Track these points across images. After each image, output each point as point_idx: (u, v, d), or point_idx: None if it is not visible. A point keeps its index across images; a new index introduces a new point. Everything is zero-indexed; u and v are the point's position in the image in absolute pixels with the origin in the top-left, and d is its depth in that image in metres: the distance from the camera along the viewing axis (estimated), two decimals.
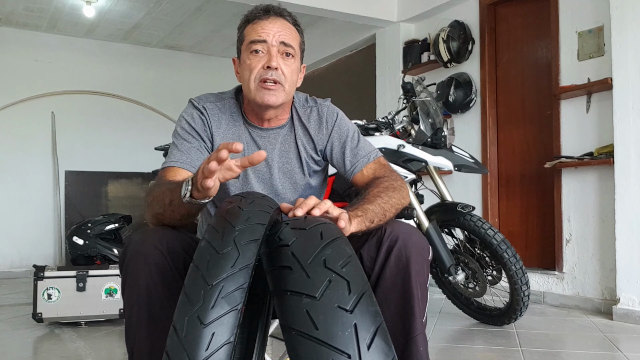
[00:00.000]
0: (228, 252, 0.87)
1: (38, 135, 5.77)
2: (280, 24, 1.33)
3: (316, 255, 0.87)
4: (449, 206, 2.84)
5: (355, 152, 1.43)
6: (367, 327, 0.80)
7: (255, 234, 0.91)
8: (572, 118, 3.56)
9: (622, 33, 3.11)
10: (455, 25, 4.29)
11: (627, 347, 2.50)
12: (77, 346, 2.61)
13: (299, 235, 0.92)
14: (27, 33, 5.75)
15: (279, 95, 1.32)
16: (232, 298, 0.84)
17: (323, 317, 0.80)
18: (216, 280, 0.85)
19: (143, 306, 1.10)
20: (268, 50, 1.31)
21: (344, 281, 0.84)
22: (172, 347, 0.82)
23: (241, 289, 0.85)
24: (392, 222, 1.24)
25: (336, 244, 0.91)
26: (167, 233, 1.14)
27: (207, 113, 1.39)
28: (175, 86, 6.41)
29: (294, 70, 1.34)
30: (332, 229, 0.95)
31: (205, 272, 0.86)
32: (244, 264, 0.87)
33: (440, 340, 2.66)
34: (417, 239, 1.19)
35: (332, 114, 1.46)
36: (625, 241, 3.08)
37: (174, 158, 1.34)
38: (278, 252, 0.91)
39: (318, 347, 0.78)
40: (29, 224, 5.66)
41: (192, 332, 0.81)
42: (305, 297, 0.82)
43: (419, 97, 2.96)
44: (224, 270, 0.85)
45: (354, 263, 0.88)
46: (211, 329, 0.81)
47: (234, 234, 0.90)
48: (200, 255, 0.89)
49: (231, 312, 0.83)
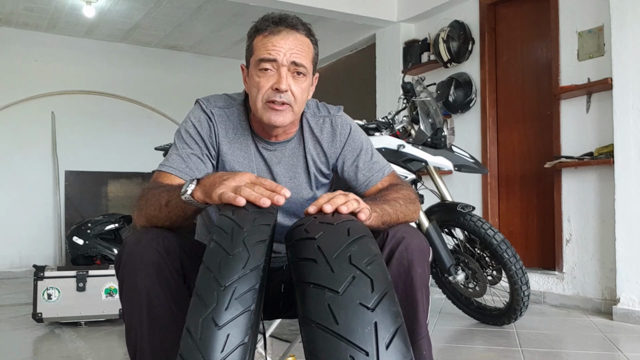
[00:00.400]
0: (239, 253, 0.87)
1: (38, 135, 5.77)
2: (292, 40, 1.25)
3: (342, 250, 0.87)
4: (449, 206, 2.84)
5: (370, 166, 1.40)
6: (388, 326, 0.80)
7: (263, 234, 0.90)
8: (572, 118, 3.56)
9: (622, 33, 3.11)
10: (455, 25, 4.29)
11: (627, 347, 2.50)
12: (77, 346, 2.61)
13: (326, 230, 0.92)
14: (27, 33, 5.75)
15: (286, 117, 1.27)
16: (245, 299, 0.83)
17: (344, 312, 0.80)
18: (229, 281, 0.84)
19: (143, 307, 1.09)
20: (278, 69, 1.24)
21: (368, 279, 0.84)
22: (186, 350, 0.81)
23: (253, 290, 0.85)
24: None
25: (363, 242, 0.90)
26: (163, 232, 1.12)
27: (215, 119, 1.34)
28: (175, 86, 6.41)
29: (304, 89, 1.29)
30: (359, 227, 0.95)
31: (218, 273, 0.85)
32: (255, 265, 0.86)
33: (440, 340, 2.66)
34: (419, 242, 1.19)
35: (346, 126, 1.42)
36: (625, 241, 3.08)
37: (172, 164, 1.30)
38: (304, 244, 0.91)
39: (337, 341, 0.78)
40: (29, 224, 5.65)
41: (207, 334, 0.81)
42: (328, 291, 0.82)
43: (419, 97, 2.96)
44: (236, 271, 0.85)
45: (378, 262, 0.88)
46: (226, 331, 0.81)
47: (243, 235, 0.89)
48: (210, 257, 0.88)
49: (245, 313, 0.83)
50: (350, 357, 0.78)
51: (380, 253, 0.91)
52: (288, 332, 2.60)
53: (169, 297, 1.09)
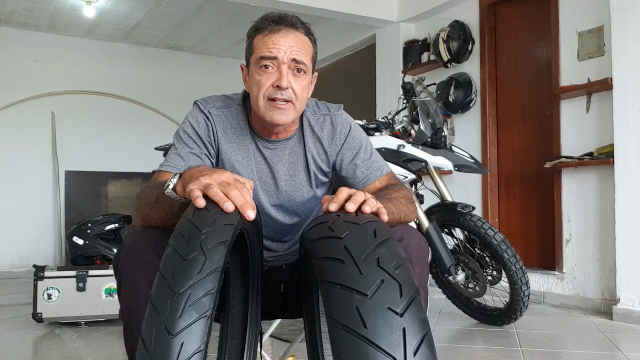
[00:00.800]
0: (194, 257, 0.84)
1: (38, 135, 5.77)
2: (292, 38, 1.26)
3: (370, 252, 0.85)
4: (449, 206, 2.84)
5: (368, 164, 1.40)
6: (416, 332, 0.79)
7: (223, 235, 0.87)
8: (572, 118, 3.56)
9: (622, 33, 3.11)
10: (455, 25, 4.29)
11: (627, 347, 2.50)
12: (77, 346, 2.61)
13: (352, 230, 0.90)
14: (27, 33, 5.75)
15: (289, 114, 1.27)
16: (200, 305, 0.81)
17: (373, 316, 0.78)
18: (182, 288, 0.82)
19: (142, 307, 1.08)
20: (279, 67, 1.25)
21: (396, 283, 0.82)
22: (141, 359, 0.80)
23: (209, 295, 0.82)
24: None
25: (389, 244, 0.88)
26: (159, 232, 1.12)
27: (213, 119, 1.34)
28: (175, 86, 6.41)
29: (305, 86, 1.30)
30: (385, 228, 0.93)
31: (171, 280, 0.83)
32: (212, 269, 0.84)
33: (440, 340, 2.66)
34: (418, 242, 1.18)
35: (346, 124, 1.42)
36: (625, 241, 3.08)
37: (171, 163, 1.30)
38: (329, 243, 0.88)
39: (364, 345, 0.77)
40: (29, 224, 5.65)
41: (161, 344, 0.79)
42: (356, 294, 0.80)
43: (419, 97, 2.96)
44: (190, 277, 0.82)
45: (405, 266, 0.86)
46: (180, 339, 0.79)
47: (200, 238, 0.86)
48: (165, 263, 0.86)
49: (200, 319, 0.81)
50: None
51: (406, 256, 0.89)
52: (288, 332, 2.60)
53: None
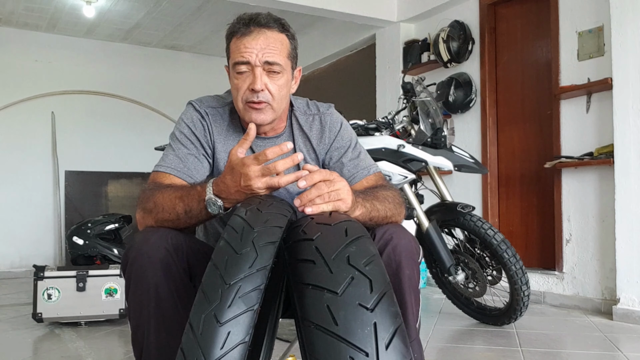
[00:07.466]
0: (246, 252, 0.88)
1: (38, 135, 5.77)
2: (264, 39, 1.26)
3: (340, 251, 0.88)
4: (449, 206, 2.84)
5: (355, 163, 1.40)
6: (387, 326, 0.81)
7: (273, 236, 0.91)
8: (572, 118, 3.56)
9: (622, 33, 3.11)
10: (455, 25, 4.29)
11: (627, 347, 2.50)
12: (77, 346, 2.61)
13: (323, 231, 0.93)
14: (27, 33, 5.75)
15: (267, 114, 1.30)
16: (249, 298, 0.84)
17: (343, 313, 0.80)
18: (234, 279, 0.85)
19: (151, 303, 1.10)
20: (252, 70, 1.26)
21: (367, 279, 0.84)
22: (187, 344, 0.82)
23: (258, 290, 0.86)
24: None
25: (360, 242, 0.91)
26: (171, 231, 1.14)
27: (209, 118, 1.36)
28: (175, 86, 6.41)
29: (282, 85, 1.30)
30: (357, 227, 0.96)
31: (224, 271, 0.87)
32: (262, 265, 0.87)
33: (440, 340, 2.66)
34: (407, 242, 1.17)
35: (336, 123, 1.43)
36: (625, 241, 3.08)
37: (170, 163, 1.30)
38: (301, 246, 0.91)
39: (336, 342, 0.79)
40: (29, 224, 5.65)
41: (208, 330, 0.82)
42: (327, 292, 0.83)
43: (419, 97, 2.96)
44: (242, 270, 0.86)
45: (377, 262, 0.88)
46: (227, 328, 0.82)
47: (252, 235, 0.90)
48: (219, 255, 0.90)
49: (247, 312, 0.84)
50: (350, 358, 0.78)
51: (378, 253, 0.91)
52: (288, 332, 2.60)
53: (175, 295, 1.11)
